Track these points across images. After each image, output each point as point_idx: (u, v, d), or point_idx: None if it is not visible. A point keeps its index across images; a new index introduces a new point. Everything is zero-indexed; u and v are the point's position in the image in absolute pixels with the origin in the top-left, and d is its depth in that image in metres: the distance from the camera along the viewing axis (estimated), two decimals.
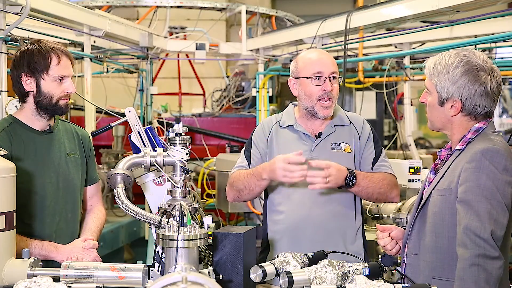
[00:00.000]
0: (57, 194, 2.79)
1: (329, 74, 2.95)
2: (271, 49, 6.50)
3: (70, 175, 2.86)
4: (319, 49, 3.18)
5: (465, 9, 3.86)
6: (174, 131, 2.57)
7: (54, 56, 2.72)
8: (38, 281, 2.05)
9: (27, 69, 2.71)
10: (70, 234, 2.85)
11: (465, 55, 2.31)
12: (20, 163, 2.67)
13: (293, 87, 3.05)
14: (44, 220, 2.75)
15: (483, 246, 2.11)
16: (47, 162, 2.78)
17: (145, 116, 6.01)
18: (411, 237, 2.43)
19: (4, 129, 2.72)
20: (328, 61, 2.99)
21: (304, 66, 2.99)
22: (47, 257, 2.67)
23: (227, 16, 8.06)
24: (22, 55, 2.73)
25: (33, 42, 2.78)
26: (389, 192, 2.99)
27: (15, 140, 2.71)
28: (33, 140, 2.76)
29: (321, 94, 2.94)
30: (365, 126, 3.08)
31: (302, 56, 3.07)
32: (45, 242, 2.71)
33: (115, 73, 6.28)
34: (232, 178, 3.04)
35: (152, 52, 5.99)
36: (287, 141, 3.04)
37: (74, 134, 2.95)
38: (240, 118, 6.98)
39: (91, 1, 6.46)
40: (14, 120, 2.77)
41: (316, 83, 2.95)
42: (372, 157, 3.03)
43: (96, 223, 2.95)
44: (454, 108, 2.32)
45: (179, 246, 2.14)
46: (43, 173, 2.76)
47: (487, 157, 2.20)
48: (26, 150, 2.72)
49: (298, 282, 2.22)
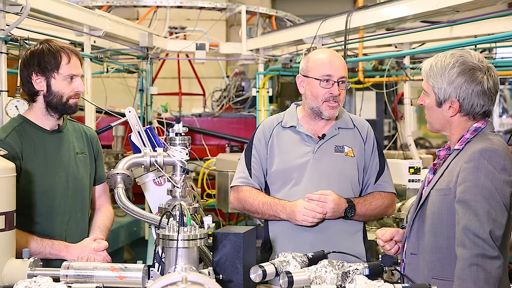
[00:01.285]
0: (66, 194, 2.81)
1: (338, 78, 2.92)
2: (271, 49, 6.50)
3: (80, 174, 2.87)
4: (332, 50, 3.15)
5: (465, 9, 3.85)
6: (174, 131, 2.57)
7: (64, 55, 2.74)
8: (38, 281, 2.05)
9: (37, 68, 2.72)
10: (79, 233, 2.86)
11: (461, 56, 2.31)
12: (31, 162, 2.69)
13: (300, 84, 3.03)
14: (54, 219, 2.77)
15: (482, 246, 2.12)
16: (57, 162, 2.79)
17: (145, 116, 6.01)
18: (410, 237, 2.43)
19: (14, 128, 2.73)
20: (339, 64, 2.95)
21: (314, 66, 2.96)
22: (57, 256, 2.68)
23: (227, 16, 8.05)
24: (32, 54, 2.75)
25: (43, 41, 2.79)
26: (384, 214, 3.13)
27: (25, 140, 2.72)
28: (43, 139, 2.77)
29: (328, 97, 2.93)
30: (370, 133, 3.06)
31: (314, 55, 3.04)
32: (55, 241, 2.72)
33: (115, 73, 6.27)
34: (243, 196, 3.02)
35: (152, 52, 5.99)
36: (289, 143, 3.03)
37: (82, 133, 2.97)
38: (240, 118, 6.97)
39: (91, 1, 6.46)
40: (24, 120, 2.78)
41: (324, 85, 2.93)
42: (376, 169, 3.04)
43: (105, 222, 2.97)
44: (452, 109, 2.33)
45: (179, 246, 2.14)
46: (53, 172, 2.77)
47: (485, 157, 2.20)
48: (36, 150, 2.74)
49: (298, 282, 2.22)
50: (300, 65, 3.07)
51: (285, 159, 3.00)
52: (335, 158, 2.98)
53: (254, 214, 3.04)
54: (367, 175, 3.03)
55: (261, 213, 2.98)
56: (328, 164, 2.96)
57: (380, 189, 3.03)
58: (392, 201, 3.08)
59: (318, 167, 2.96)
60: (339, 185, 2.93)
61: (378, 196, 3.01)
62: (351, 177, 2.99)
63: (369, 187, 3.04)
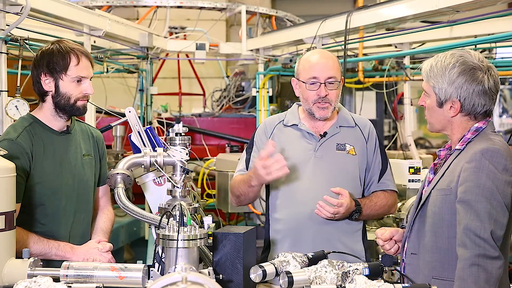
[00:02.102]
0: (72, 195, 2.81)
1: (324, 79, 2.92)
2: (271, 49, 6.49)
3: (85, 176, 2.88)
4: (322, 50, 3.15)
5: (465, 9, 3.85)
6: (174, 131, 2.57)
7: (73, 56, 2.74)
8: (38, 281, 2.05)
9: (46, 69, 2.73)
10: (82, 235, 2.87)
11: (461, 55, 2.31)
12: (40, 162, 2.70)
13: (295, 87, 3.06)
14: (59, 221, 2.77)
15: (483, 246, 2.12)
16: (64, 163, 2.80)
17: (145, 116, 6.01)
18: (410, 237, 2.43)
19: (25, 128, 2.73)
20: (325, 65, 2.94)
21: (302, 69, 2.99)
22: (63, 257, 2.68)
23: (227, 16, 8.04)
24: (43, 54, 2.75)
25: (54, 42, 2.80)
26: (387, 212, 3.14)
27: (35, 140, 2.73)
28: (51, 140, 2.78)
29: (316, 99, 2.94)
30: (372, 131, 3.07)
31: (303, 57, 3.05)
32: (61, 243, 2.72)
33: (115, 73, 6.27)
34: (231, 184, 3.08)
35: (152, 52, 5.98)
36: (290, 140, 3.03)
37: (89, 134, 2.98)
38: (240, 118, 6.97)
39: (91, 1, 6.46)
40: (34, 119, 2.79)
41: (310, 88, 2.94)
42: (379, 168, 3.04)
43: (107, 224, 2.99)
44: (453, 109, 2.33)
45: (179, 246, 2.15)
46: (61, 173, 2.78)
47: (486, 157, 2.20)
48: (45, 150, 2.74)
49: (298, 282, 2.22)
50: (294, 68, 3.09)
51: (286, 156, 2.99)
52: (337, 156, 2.98)
53: (240, 197, 3.00)
54: (369, 174, 3.03)
55: (242, 192, 2.95)
56: (330, 162, 2.97)
57: (383, 187, 3.04)
58: (395, 199, 3.09)
59: (320, 165, 2.96)
60: (341, 183, 2.93)
61: (382, 195, 3.02)
62: (353, 175, 2.99)
63: (372, 185, 3.04)
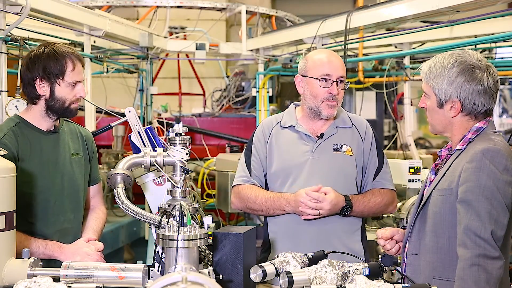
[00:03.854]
0: (61, 194, 2.81)
1: (337, 77, 2.95)
2: (271, 49, 6.50)
3: (75, 175, 2.87)
4: (331, 50, 3.17)
5: (465, 9, 3.86)
6: (174, 131, 2.57)
7: (69, 62, 2.73)
8: (38, 281, 2.05)
9: (42, 73, 2.70)
10: (73, 234, 2.86)
11: (459, 55, 2.31)
12: (26, 162, 2.69)
13: (299, 84, 3.05)
14: (48, 220, 2.76)
15: (483, 246, 2.12)
16: (52, 162, 2.79)
17: (145, 116, 6.01)
18: (411, 237, 2.43)
19: (11, 128, 2.72)
20: (338, 64, 2.98)
21: (313, 66, 2.98)
22: (51, 256, 2.68)
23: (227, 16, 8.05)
24: (37, 58, 2.72)
25: (46, 45, 2.76)
26: (384, 211, 3.10)
27: (21, 140, 2.71)
28: (39, 140, 2.77)
29: (327, 96, 2.95)
30: (368, 131, 3.07)
31: (312, 55, 3.06)
32: (49, 242, 2.72)
33: (115, 73, 6.27)
34: (244, 194, 3.03)
35: (152, 52, 5.99)
36: (288, 142, 3.04)
37: (78, 134, 2.96)
38: (240, 118, 6.97)
39: (91, 1, 6.46)
40: (20, 120, 2.78)
41: (323, 85, 2.94)
42: (375, 167, 3.04)
43: (97, 223, 2.97)
44: (454, 109, 2.32)
45: (179, 246, 2.14)
46: (48, 173, 2.77)
47: (487, 157, 2.20)
48: (32, 150, 2.73)
49: (298, 282, 2.22)
50: (298, 65, 3.09)
51: (284, 158, 3.01)
52: (334, 156, 2.99)
53: (258, 211, 3.04)
54: (366, 173, 3.04)
55: (265, 209, 2.98)
56: (327, 163, 2.97)
57: (378, 186, 3.04)
58: (393, 198, 3.08)
59: (317, 166, 2.97)
60: (338, 183, 2.93)
61: (378, 193, 3.02)
62: (350, 175, 3.00)
63: (368, 184, 3.05)
